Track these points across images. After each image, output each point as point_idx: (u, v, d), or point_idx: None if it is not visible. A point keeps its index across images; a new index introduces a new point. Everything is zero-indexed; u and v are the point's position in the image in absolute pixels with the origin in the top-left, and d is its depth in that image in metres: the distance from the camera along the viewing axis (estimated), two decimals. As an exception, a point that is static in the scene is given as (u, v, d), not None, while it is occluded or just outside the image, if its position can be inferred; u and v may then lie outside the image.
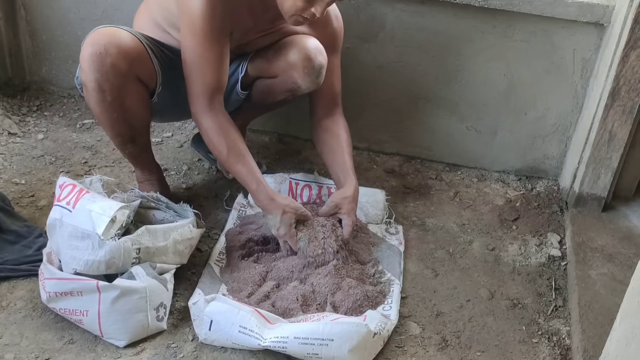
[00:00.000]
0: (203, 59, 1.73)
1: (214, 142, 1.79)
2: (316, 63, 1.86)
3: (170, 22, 1.83)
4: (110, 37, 1.70)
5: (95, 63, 1.67)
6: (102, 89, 1.71)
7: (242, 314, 1.54)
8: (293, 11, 1.66)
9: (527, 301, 1.85)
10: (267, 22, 1.85)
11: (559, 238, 2.11)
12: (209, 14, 1.68)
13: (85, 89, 1.75)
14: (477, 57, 2.27)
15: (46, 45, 2.55)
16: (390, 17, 2.25)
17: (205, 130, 1.79)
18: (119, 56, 1.69)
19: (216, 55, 1.74)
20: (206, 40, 1.71)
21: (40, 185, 2.09)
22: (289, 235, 1.79)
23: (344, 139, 1.99)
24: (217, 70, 1.75)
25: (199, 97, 1.76)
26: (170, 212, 1.81)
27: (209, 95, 1.76)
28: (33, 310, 1.63)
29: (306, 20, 1.68)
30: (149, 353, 1.56)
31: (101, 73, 1.68)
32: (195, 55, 1.73)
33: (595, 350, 1.57)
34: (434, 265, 1.95)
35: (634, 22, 1.90)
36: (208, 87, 1.75)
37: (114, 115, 1.77)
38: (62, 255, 1.59)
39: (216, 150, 1.80)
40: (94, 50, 1.67)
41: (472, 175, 2.43)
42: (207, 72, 1.74)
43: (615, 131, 2.06)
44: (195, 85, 1.75)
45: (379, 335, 1.58)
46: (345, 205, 1.87)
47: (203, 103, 1.76)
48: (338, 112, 2.02)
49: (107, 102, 1.74)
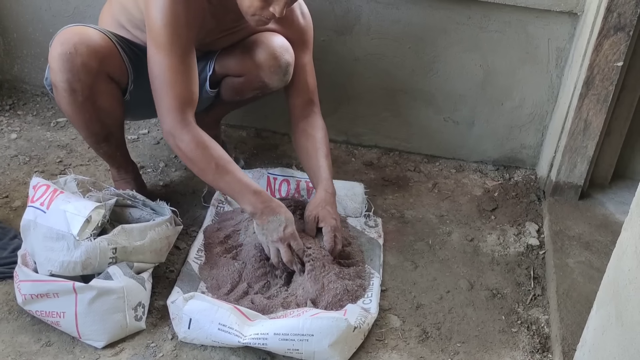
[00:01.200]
0: (172, 71, 1.65)
1: (196, 158, 1.68)
2: (282, 62, 1.85)
3: (133, 23, 1.79)
4: (80, 35, 1.67)
5: (65, 62, 1.64)
6: (73, 89, 1.68)
7: (221, 312, 1.53)
8: (252, 11, 1.63)
9: (506, 291, 1.86)
10: (230, 22, 1.83)
11: (537, 227, 2.12)
12: (173, 23, 1.63)
13: (55, 90, 1.72)
14: (452, 48, 2.27)
15: (17, 43, 2.51)
16: (365, 10, 2.24)
17: (185, 146, 1.67)
18: (89, 55, 1.66)
19: (185, 66, 1.67)
20: (173, 50, 1.64)
21: (14, 185, 2.06)
22: (294, 235, 1.70)
23: (318, 140, 1.93)
24: (187, 81, 1.68)
25: (170, 112, 1.66)
26: (147, 210, 1.79)
27: (181, 108, 1.66)
28: (9, 313, 1.61)
29: (268, 20, 1.66)
30: (128, 353, 1.55)
31: (72, 73, 1.66)
32: (163, 67, 1.65)
33: (574, 338, 1.58)
34: (414, 257, 1.95)
35: (607, 10, 1.91)
36: (179, 99, 1.66)
37: (86, 115, 1.75)
38: (37, 256, 1.57)
39: (199, 165, 1.69)
40: (64, 50, 1.64)
41: (450, 166, 2.44)
42: (177, 84, 1.65)
43: (590, 120, 2.07)
44: (165, 99, 1.66)
45: (359, 329, 1.58)
46: (320, 212, 1.82)
47: (176, 118, 1.66)
48: (314, 112, 1.98)
49: (79, 102, 1.71)
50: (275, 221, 1.70)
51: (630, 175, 2.33)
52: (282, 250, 1.70)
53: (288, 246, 1.70)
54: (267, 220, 1.70)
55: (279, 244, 1.70)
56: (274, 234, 1.70)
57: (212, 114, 2.15)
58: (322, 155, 1.92)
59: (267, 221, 1.70)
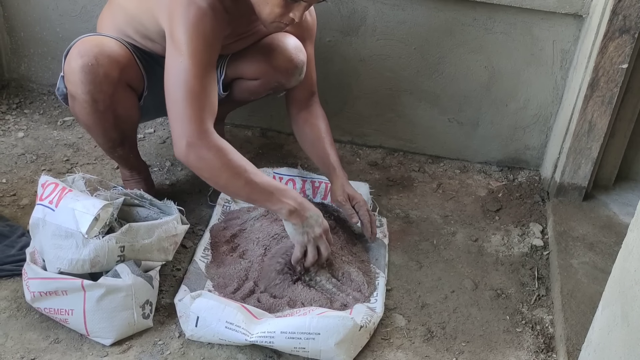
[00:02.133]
0: (197, 80, 1.58)
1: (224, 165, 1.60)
2: (299, 63, 1.88)
3: (143, 34, 1.76)
4: (100, 46, 1.67)
5: (87, 75, 1.64)
6: (95, 100, 1.69)
7: (228, 310, 1.54)
8: (272, 18, 1.63)
9: (510, 291, 1.87)
10: (243, 27, 1.82)
11: (541, 228, 2.13)
12: (201, 33, 1.59)
13: (73, 100, 1.72)
14: (457, 50, 2.28)
15: (25, 42, 2.52)
16: (371, 11, 2.25)
17: (212, 156, 1.59)
18: (111, 65, 1.66)
19: (209, 77, 1.62)
20: (199, 60, 1.58)
21: (22, 184, 2.07)
22: (327, 231, 1.71)
23: (322, 129, 1.99)
24: (210, 92, 1.63)
25: (191, 122, 1.57)
26: (154, 209, 1.80)
27: (204, 119, 1.59)
28: (17, 310, 1.62)
29: (286, 26, 1.66)
30: (136, 351, 1.56)
31: (94, 84, 1.66)
32: (186, 77, 1.57)
33: (578, 339, 1.59)
34: (418, 257, 1.96)
35: (612, 13, 1.91)
36: (203, 110, 1.59)
37: (106, 123, 1.76)
38: (45, 254, 1.58)
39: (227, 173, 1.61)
40: (85, 62, 1.63)
41: (455, 166, 2.45)
42: (201, 94, 1.59)
43: (594, 121, 2.08)
44: (186, 109, 1.57)
45: (365, 328, 1.59)
46: (350, 192, 1.92)
47: (199, 128, 1.58)
48: (314, 102, 2.02)
49: (99, 112, 1.72)
50: (313, 217, 1.68)
51: (634, 176, 2.34)
52: (322, 246, 1.69)
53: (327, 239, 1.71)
54: (306, 217, 1.67)
55: (320, 240, 1.69)
56: (316, 229, 1.68)
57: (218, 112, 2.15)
58: (329, 144, 1.98)
59: (306, 218, 1.67)
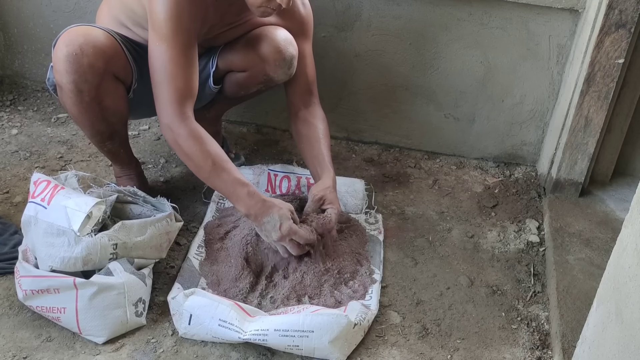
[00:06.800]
0: (173, 63, 1.64)
1: (193, 152, 1.66)
2: (287, 55, 1.86)
3: (135, 21, 1.79)
4: (85, 36, 1.66)
5: (72, 64, 1.64)
6: (80, 90, 1.68)
7: (221, 308, 1.53)
8: (258, 3, 1.63)
9: (506, 287, 1.86)
10: (233, 15, 1.82)
11: (537, 224, 2.12)
12: (177, 15, 1.62)
13: (61, 91, 1.71)
14: (453, 45, 2.27)
15: (18, 39, 2.51)
16: (366, 6, 2.24)
17: (182, 141, 1.66)
18: (95, 55, 1.65)
19: (187, 59, 1.66)
20: (175, 42, 1.63)
21: (15, 181, 2.06)
22: (293, 230, 1.68)
23: (320, 130, 1.96)
24: (188, 75, 1.67)
25: (169, 105, 1.65)
26: (147, 206, 1.79)
27: (181, 102, 1.65)
28: (9, 308, 1.61)
29: (273, 11, 1.66)
30: (129, 349, 1.55)
31: (79, 74, 1.65)
32: (164, 60, 1.64)
33: (574, 335, 1.58)
34: (414, 254, 1.96)
35: (608, 7, 1.90)
36: (179, 92, 1.65)
37: (92, 115, 1.75)
38: (37, 252, 1.57)
39: (195, 161, 1.67)
40: (70, 51, 1.63)
41: (451, 162, 2.44)
42: (178, 77, 1.64)
43: (591, 117, 2.07)
44: (165, 92, 1.65)
45: (359, 325, 1.58)
46: (327, 195, 1.83)
47: (175, 111, 1.65)
48: (314, 102, 2.00)
49: (85, 103, 1.71)
50: (270, 222, 1.68)
51: (630, 172, 2.33)
52: (287, 247, 1.70)
53: (291, 241, 1.70)
54: (262, 222, 1.69)
55: (281, 243, 1.70)
56: (273, 234, 1.69)
57: (213, 110, 2.15)
58: (324, 145, 1.94)
59: (262, 223, 1.69)
